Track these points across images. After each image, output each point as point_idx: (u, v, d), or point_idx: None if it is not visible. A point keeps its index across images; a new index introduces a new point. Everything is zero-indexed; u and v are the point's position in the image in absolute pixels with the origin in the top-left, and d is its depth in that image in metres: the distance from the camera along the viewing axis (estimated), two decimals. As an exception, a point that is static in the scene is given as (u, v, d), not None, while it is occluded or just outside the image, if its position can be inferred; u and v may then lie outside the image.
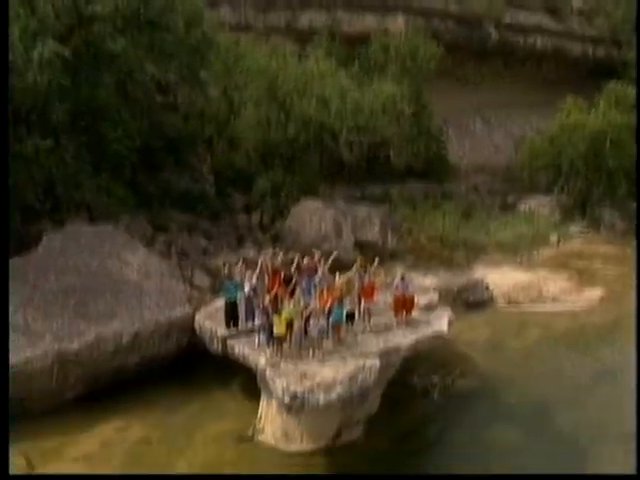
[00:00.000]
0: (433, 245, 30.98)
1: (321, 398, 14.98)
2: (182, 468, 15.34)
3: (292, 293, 17.60)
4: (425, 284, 24.48)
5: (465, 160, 43.00)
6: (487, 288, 26.71)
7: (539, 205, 38.15)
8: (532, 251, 32.10)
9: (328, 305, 16.87)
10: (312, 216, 28.45)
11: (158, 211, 27.26)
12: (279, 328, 16.15)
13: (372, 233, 29.31)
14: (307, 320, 16.63)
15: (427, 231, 32.06)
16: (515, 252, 31.76)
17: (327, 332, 16.86)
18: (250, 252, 26.05)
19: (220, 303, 19.32)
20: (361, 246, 27.69)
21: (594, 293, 26.92)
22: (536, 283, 27.84)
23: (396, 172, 37.75)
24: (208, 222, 28.64)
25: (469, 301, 25.76)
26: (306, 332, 16.67)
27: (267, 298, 16.81)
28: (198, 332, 19.00)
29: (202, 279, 23.78)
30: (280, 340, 16.29)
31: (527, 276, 28.66)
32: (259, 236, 29.31)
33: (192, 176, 30.79)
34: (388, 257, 28.06)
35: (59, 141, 22.74)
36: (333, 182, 34.95)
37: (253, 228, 30.01)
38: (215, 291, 22.25)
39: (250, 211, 31.04)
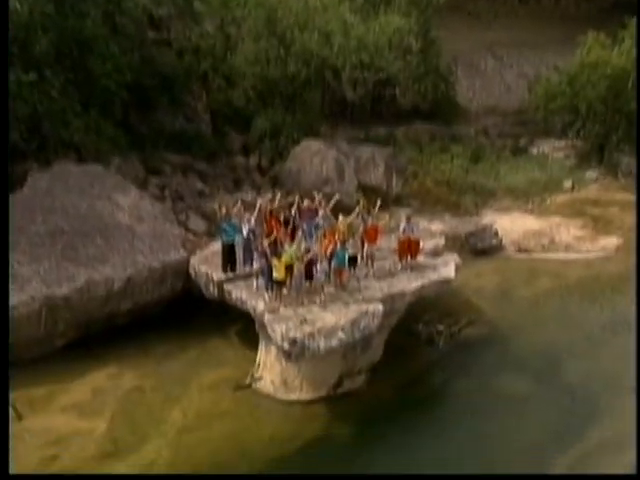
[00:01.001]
0: (440, 189, 30.67)
1: (322, 344, 14.90)
2: (176, 417, 15.34)
3: (292, 236, 17.37)
4: (431, 229, 24.23)
5: (475, 101, 42.38)
6: (496, 235, 26.41)
7: (553, 149, 37.60)
8: (544, 197, 31.73)
9: (330, 248, 16.66)
10: (313, 158, 28.01)
11: (151, 152, 26.75)
12: (279, 272, 15.97)
13: (376, 176, 28.92)
14: (308, 264, 16.43)
15: (433, 175, 31.72)
16: (526, 198, 31.44)
17: (328, 276, 16.71)
18: (248, 195, 25.75)
19: (216, 247, 19.12)
20: (364, 189, 27.34)
21: (610, 241, 26.59)
22: (548, 230, 27.60)
23: (402, 112, 37.32)
24: (204, 164, 28.17)
25: (477, 248, 25.49)
26: (307, 276, 16.50)
27: (266, 241, 16.60)
28: (193, 277, 18.86)
29: (197, 223, 23.55)
30: (280, 284, 16.14)
31: (539, 223, 28.40)
32: (257, 178, 28.93)
33: (187, 115, 30.23)
34: (392, 201, 27.88)
35: (43, 75, 22.11)
36: (335, 122, 34.47)
37: (251, 170, 29.55)
38: (211, 235, 22.07)
39: (248, 152, 30.51)
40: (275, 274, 16.01)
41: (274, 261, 16.01)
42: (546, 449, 14.75)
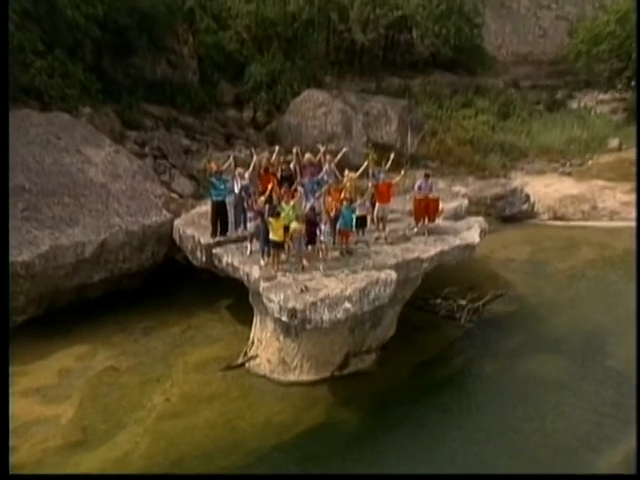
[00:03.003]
0: (462, 149, 30.80)
1: (325, 316, 14.68)
2: (157, 401, 15.25)
3: (292, 194, 17.20)
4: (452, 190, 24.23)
5: (504, 47, 42.23)
6: (527, 199, 26.45)
7: (596, 102, 37.61)
8: (585, 158, 31.74)
9: (335, 207, 16.49)
10: (316, 110, 28.09)
11: (128, 102, 26.71)
12: (276, 233, 15.77)
13: (388, 132, 28.97)
14: (310, 224, 16.26)
15: (455, 132, 31.93)
16: (564, 158, 31.51)
17: (333, 239, 16.58)
18: (241, 153, 25.61)
19: (204, 208, 19.03)
20: (375, 147, 27.23)
21: (663, 208, 26.47)
22: (590, 195, 27.65)
23: (419, 60, 37.27)
24: (190, 117, 28.26)
25: (505, 214, 25.57)
26: (309, 239, 16.33)
27: (262, 199, 16.43)
28: (178, 242, 18.75)
29: (183, 184, 23.54)
30: (277, 247, 15.95)
31: (578, 187, 28.46)
32: (252, 134, 29.03)
33: (170, 61, 30.11)
34: (407, 161, 27.80)
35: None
36: (342, 71, 34.49)
37: (245, 125, 29.69)
38: (198, 197, 22.04)
39: (241, 104, 30.61)
40: (272, 236, 15.82)
41: (271, 221, 15.82)
42: (583, 440, 14.58)
